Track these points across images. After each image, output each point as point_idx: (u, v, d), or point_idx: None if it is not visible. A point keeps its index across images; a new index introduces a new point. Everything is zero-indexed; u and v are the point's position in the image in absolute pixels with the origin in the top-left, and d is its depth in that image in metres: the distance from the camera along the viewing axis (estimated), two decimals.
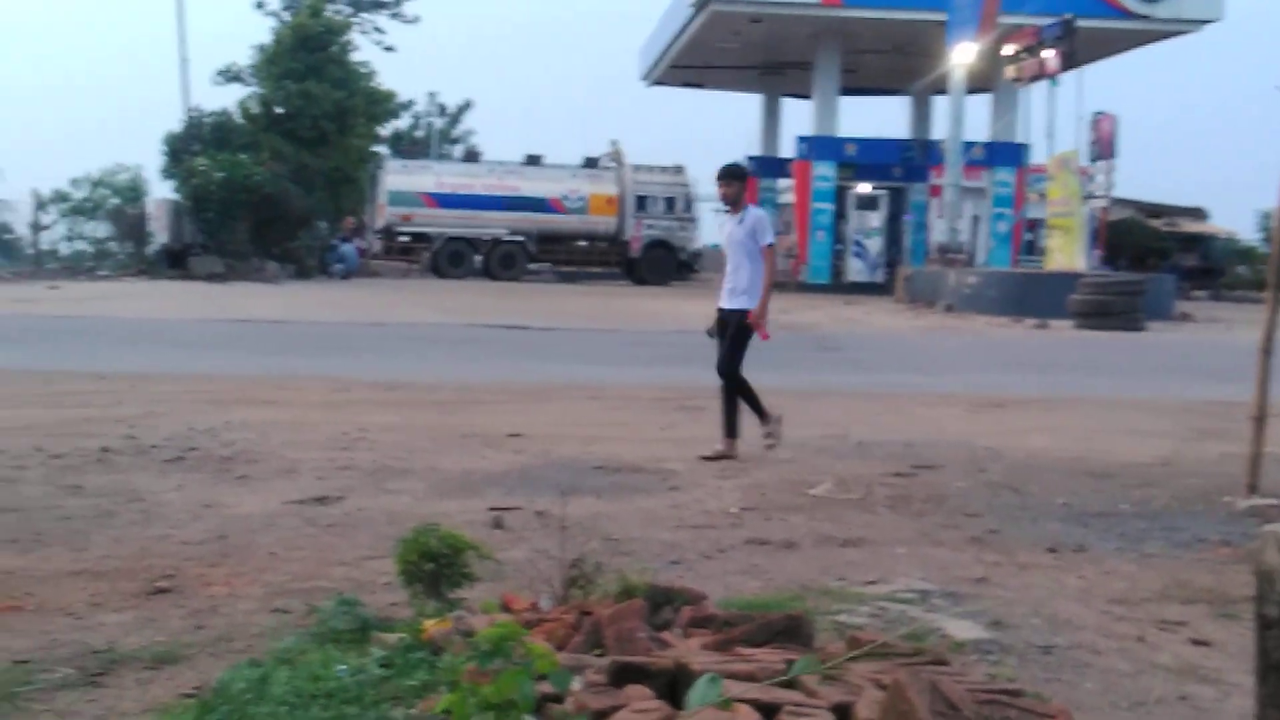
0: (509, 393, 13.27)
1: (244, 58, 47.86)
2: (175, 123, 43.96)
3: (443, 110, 67.39)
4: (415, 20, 56.97)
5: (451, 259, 44.19)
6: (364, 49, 50.12)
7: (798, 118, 48.81)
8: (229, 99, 52.74)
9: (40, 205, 42.48)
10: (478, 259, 44.50)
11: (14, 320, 21.23)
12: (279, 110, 44.12)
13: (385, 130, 53.87)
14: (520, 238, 44.21)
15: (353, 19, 51.89)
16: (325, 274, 41.37)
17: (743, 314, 9.66)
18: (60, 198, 42.85)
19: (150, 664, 4.35)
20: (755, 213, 9.88)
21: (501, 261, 44.01)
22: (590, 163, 46.69)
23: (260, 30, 55.77)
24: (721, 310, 9.82)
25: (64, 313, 23.13)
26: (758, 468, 8.99)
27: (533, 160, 45.61)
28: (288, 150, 42.77)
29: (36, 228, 42.82)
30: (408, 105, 60.67)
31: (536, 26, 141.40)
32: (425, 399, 12.50)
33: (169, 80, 55.28)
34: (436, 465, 8.76)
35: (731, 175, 9.82)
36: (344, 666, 3.84)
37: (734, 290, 9.77)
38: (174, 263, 38.12)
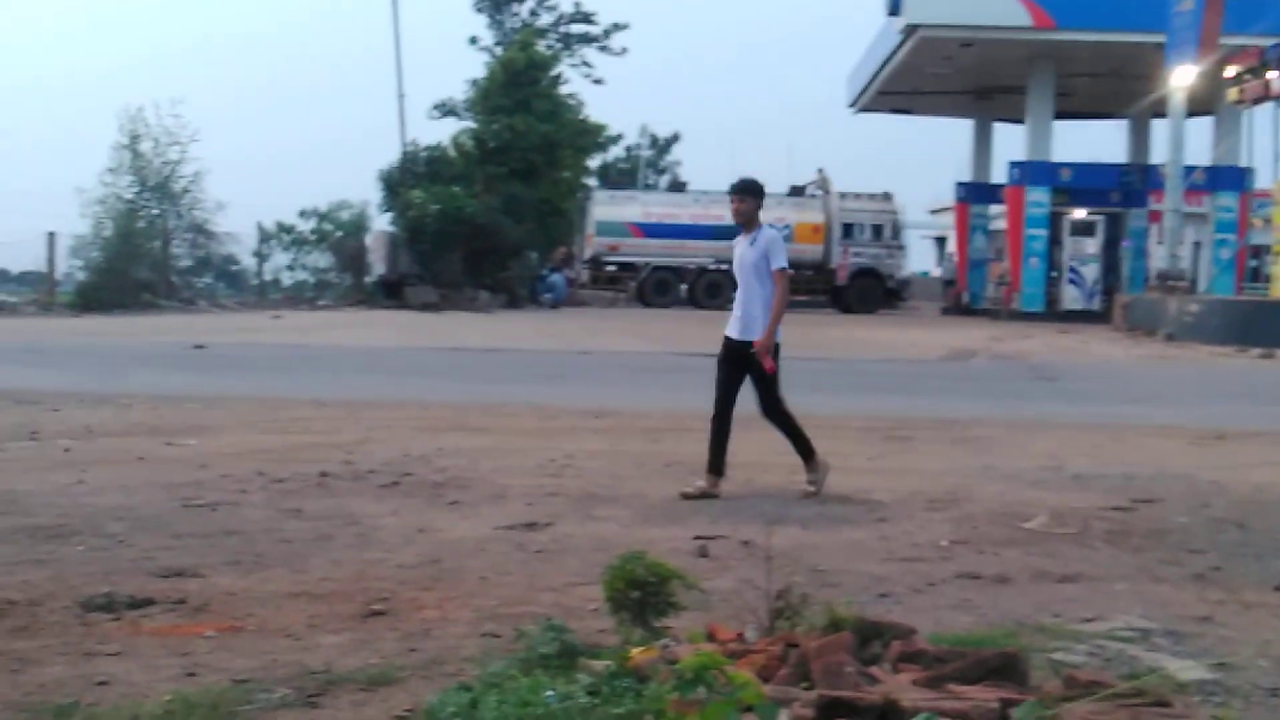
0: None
1: (459, 92, 49.12)
2: (393, 155, 45.30)
3: (654, 141, 68.06)
4: (622, 53, 57.72)
5: (657, 288, 44.51)
6: (574, 82, 50.89)
7: (1010, 142, 47.93)
8: (444, 132, 54.11)
9: (265, 238, 44.15)
10: (683, 288, 44.73)
11: (241, 349, 22.08)
12: (491, 144, 45.09)
13: (594, 161, 54.61)
14: (725, 266, 44.24)
15: (562, 53, 52.78)
16: (535, 303, 42.08)
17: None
18: (285, 230, 44.48)
19: (365, 685, 4.44)
20: (769, 233, 9.07)
21: (707, 290, 44.12)
22: (796, 191, 46.58)
23: (475, 65, 57.13)
24: (729, 340, 9.07)
25: (287, 341, 23.98)
26: (968, 500, 8.80)
27: None
28: (499, 182, 43.66)
29: (261, 258, 44.50)
30: (617, 138, 61.43)
31: (743, 56, 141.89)
32: (632, 426, 12.57)
33: (389, 114, 57.08)
34: (642, 492, 8.80)
35: (744, 191, 9.03)
36: (552, 692, 3.86)
37: (745, 319, 8.98)
38: (390, 293, 39.24)
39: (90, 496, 8.19)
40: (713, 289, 44.09)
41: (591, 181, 52.26)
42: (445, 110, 50.09)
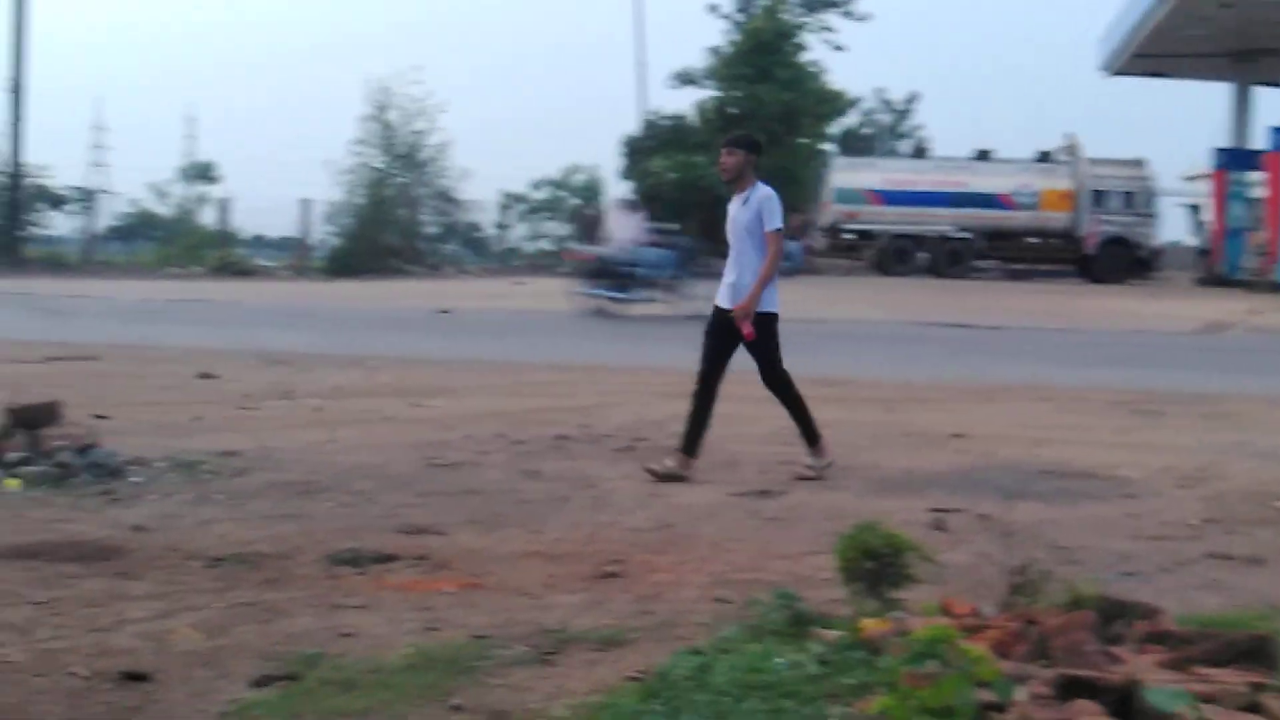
0: (953, 391, 13.02)
1: (696, 60, 49.21)
2: (631, 125, 45.68)
3: (889, 106, 67.02)
4: (866, 18, 56.89)
5: (897, 256, 43.85)
6: (814, 48, 50.41)
7: (1271, 107, 45.74)
8: (682, 102, 54.35)
9: (505, 206, 45.08)
10: (923, 256, 43.97)
11: (483, 314, 22.60)
12: (732, 112, 45.05)
13: (833, 128, 54.07)
14: (967, 234, 43.35)
15: (804, 19, 52.33)
16: None
17: (756, 316, 8.22)
18: (520, 199, 45.35)
19: (598, 645, 4.49)
20: (763, 191, 8.24)
21: (948, 259, 43.29)
22: (1043, 156, 45.28)
23: (714, 33, 57.12)
24: (718, 309, 8.36)
25: (527, 307, 24.44)
26: (1219, 478, 8.43)
27: (982, 155, 44.67)
28: None
29: (502, 227, 45.46)
30: (855, 103, 60.67)
31: (990, 18, 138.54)
32: (867, 396, 12.44)
33: (626, 84, 57.52)
34: (877, 463, 8.70)
35: (736, 144, 8.32)
36: (782, 660, 3.84)
37: (736, 285, 8.25)
38: None
39: (339, 454, 8.49)
40: (954, 257, 43.23)
41: (830, 148, 51.74)
42: (684, 79, 50.23)
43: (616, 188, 45.26)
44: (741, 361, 8.30)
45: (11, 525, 6.20)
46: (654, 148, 43.85)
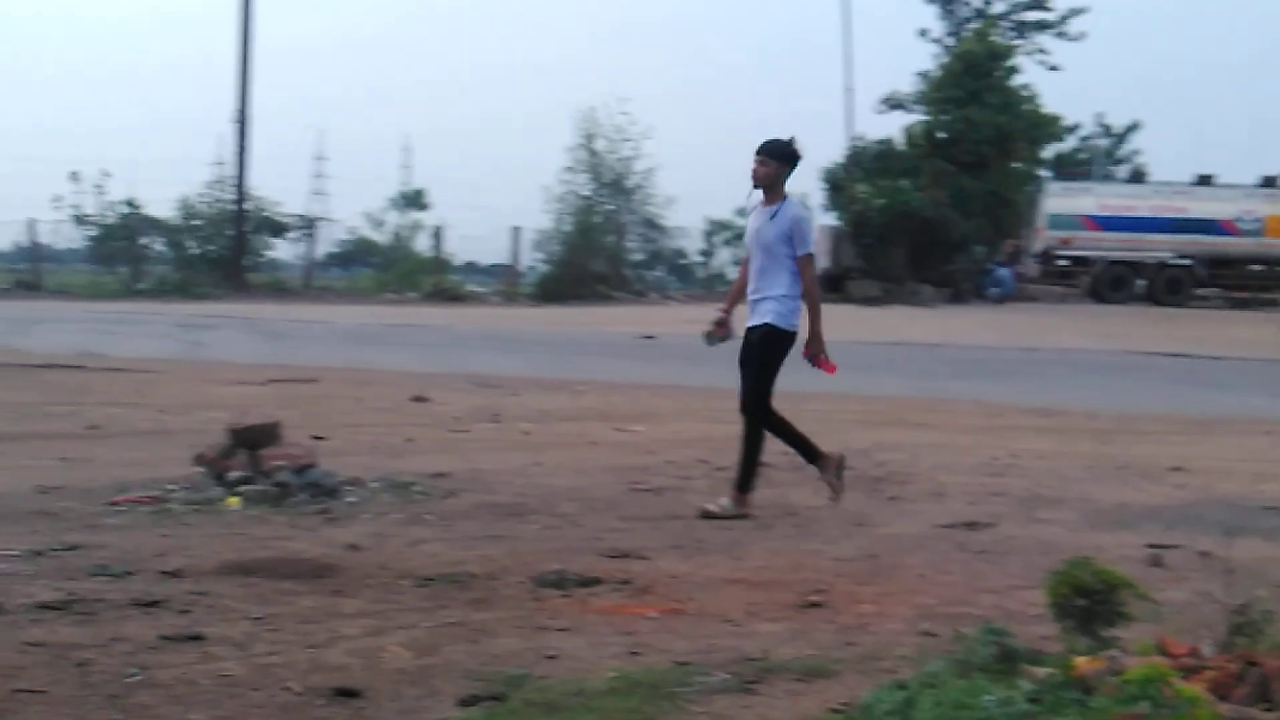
0: (1171, 423, 12.60)
1: (906, 85, 48.72)
2: (837, 149, 45.43)
3: (1108, 131, 65.32)
4: (1080, 38, 55.60)
5: (1112, 283, 42.59)
6: (1027, 70, 49.42)
7: None
8: (889, 127, 53.87)
9: (710, 232, 45.23)
10: (1140, 284, 42.65)
11: (687, 340, 22.67)
12: (941, 136, 44.46)
13: (1047, 152, 52.89)
14: (1188, 261, 41.93)
15: (1016, 41, 51.40)
16: (980, 298, 41.22)
17: (767, 331, 7.75)
18: (723, 226, 45.44)
19: (801, 675, 4.44)
20: (794, 210, 7.78)
21: (1167, 286, 41.89)
22: (1268, 182, 43.56)
23: (921, 57, 56.46)
24: (748, 330, 7.91)
25: None
26: None
27: (1203, 180, 43.17)
28: (947, 175, 43.01)
29: (707, 254, 45.61)
30: (1073, 128, 59.28)
31: (1212, 40, 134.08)
32: (1081, 426, 12.10)
33: (829, 107, 57.19)
34: (1090, 496, 8.45)
35: (768, 152, 7.75)
36: (991, 697, 3.75)
37: (757, 303, 7.83)
38: (832, 286, 39.36)
39: (545, 477, 8.60)
40: (1173, 285, 41.80)
41: (1044, 173, 50.62)
42: (893, 104, 49.77)
43: (821, 214, 45.06)
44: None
45: (232, 542, 6.43)
46: (860, 174, 43.51)
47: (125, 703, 4.01)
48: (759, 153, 7.76)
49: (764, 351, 7.79)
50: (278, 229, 39.07)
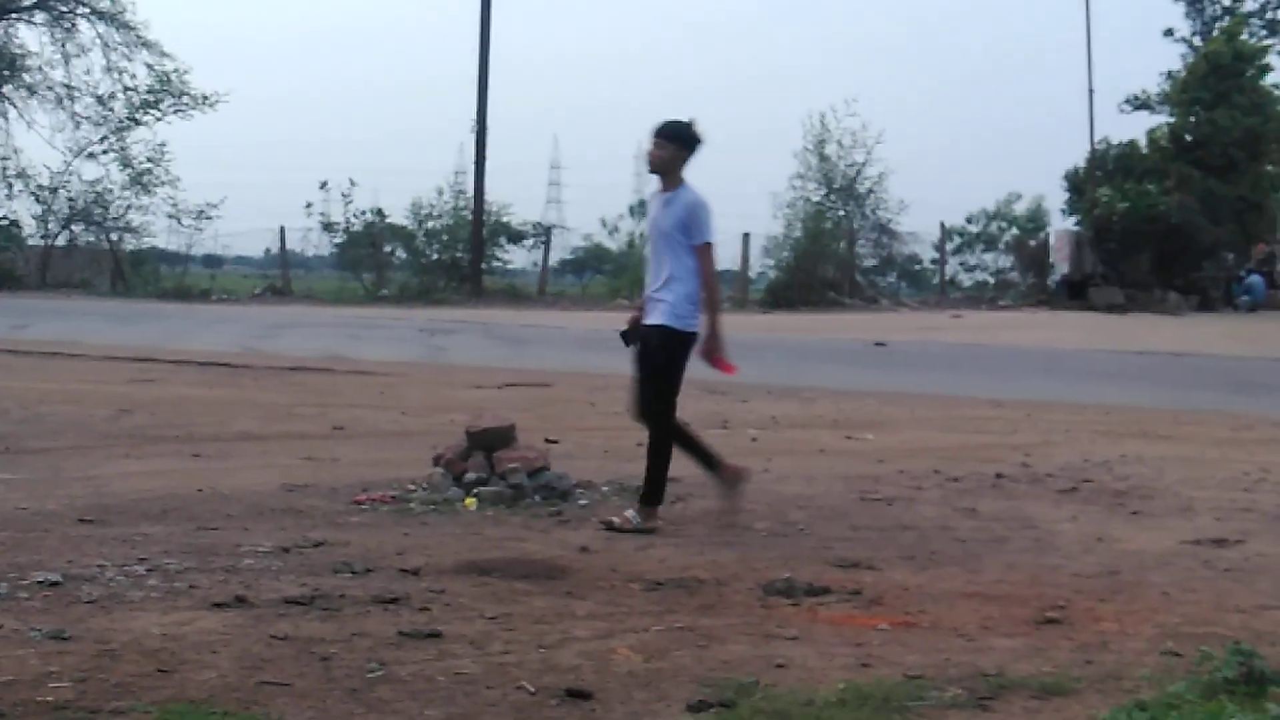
0: None
1: (1151, 85, 47.15)
2: (1078, 153, 44.20)
3: None
4: None
5: None
6: None
7: None
8: (1133, 129, 52.19)
9: (945, 237, 44.51)
10: None
11: (920, 347, 22.37)
12: (1188, 138, 42.89)
13: None
14: None
15: (1268, 40, 49.25)
16: (1230, 306, 39.59)
17: (663, 332, 7.15)
18: (959, 233, 44.64)
19: (1037, 693, 4.32)
20: (690, 197, 7.20)
21: None
22: None
23: (1169, 57, 54.56)
24: (645, 329, 7.31)
25: (966, 341, 24.02)
26: None
27: None
28: (1195, 179, 41.46)
29: (941, 259, 44.90)
30: None
31: None
32: None
33: (1066, 108, 55.74)
34: None
35: (668, 135, 7.21)
36: None
37: (654, 298, 7.24)
38: (1074, 293, 38.28)
39: (774, 484, 8.57)
40: None
41: None
42: (1137, 104, 48.16)
43: (1061, 218, 43.89)
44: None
45: (468, 542, 6.59)
46: (1102, 177, 42.26)
47: (365, 697, 4.13)
48: (654, 135, 7.26)
49: (659, 355, 7.22)
50: (515, 236, 39.88)
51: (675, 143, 7.24)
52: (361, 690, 4.19)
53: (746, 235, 40.40)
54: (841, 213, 42.92)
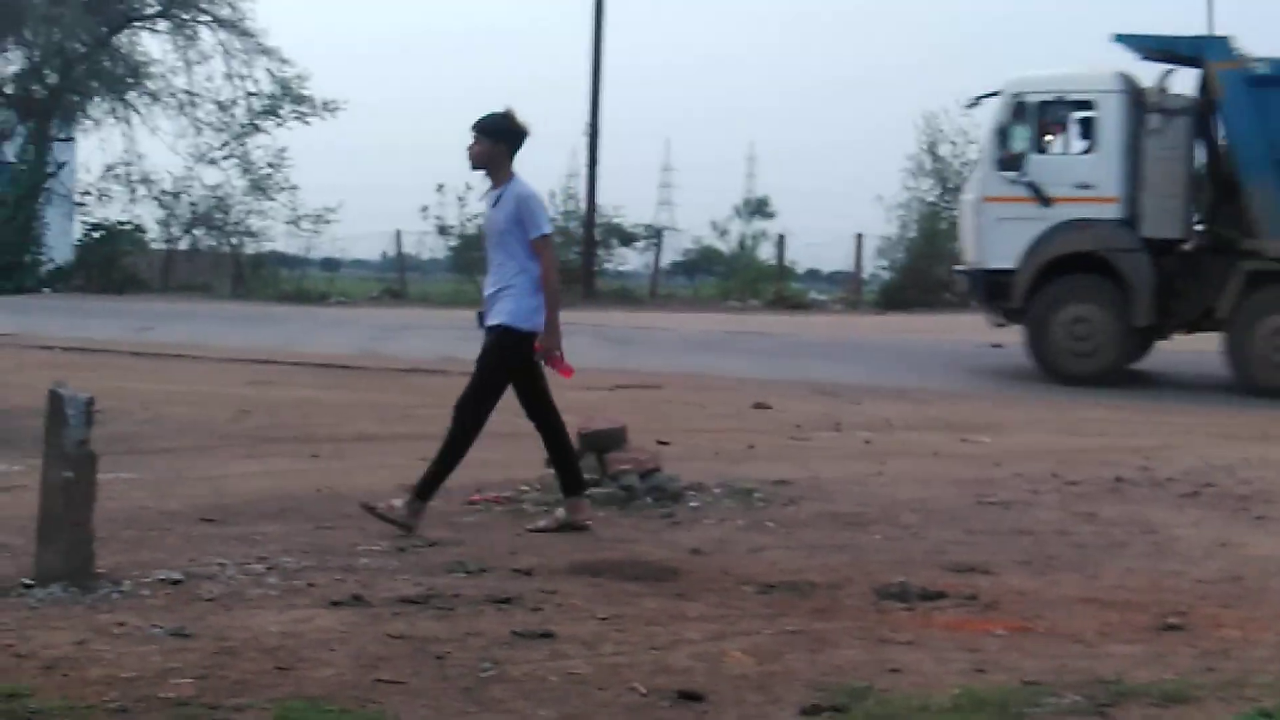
0: None
1: None
2: None
3: None
4: None
5: None
6: None
7: None
8: None
9: None
10: None
11: None
12: None
13: None
14: None
15: None
16: None
17: (503, 332, 6.98)
18: None
19: (1158, 701, 4.24)
20: (519, 189, 6.97)
21: None
22: None
23: None
24: (487, 330, 7.17)
25: None
26: None
27: None
28: None
29: None
30: None
31: None
32: None
33: None
34: None
35: (485, 129, 6.98)
36: None
37: (492, 299, 7.04)
38: None
39: (887, 487, 8.50)
40: None
41: None
42: None
43: None
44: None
45: (580, 543, 6.62)
46: None
47: (479, 695, 4.17)
48: (472, 129, 7.04)
49: (495, 355, 7.10)
50: (626, 238, 39.96)
51: (492, 136, 7.00)
52: (475, 689, 4.23)
53: (859, 236, 40.09)
54: (957, 213, 42.44)
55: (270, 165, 34.13)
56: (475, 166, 7.10)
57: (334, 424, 11.31)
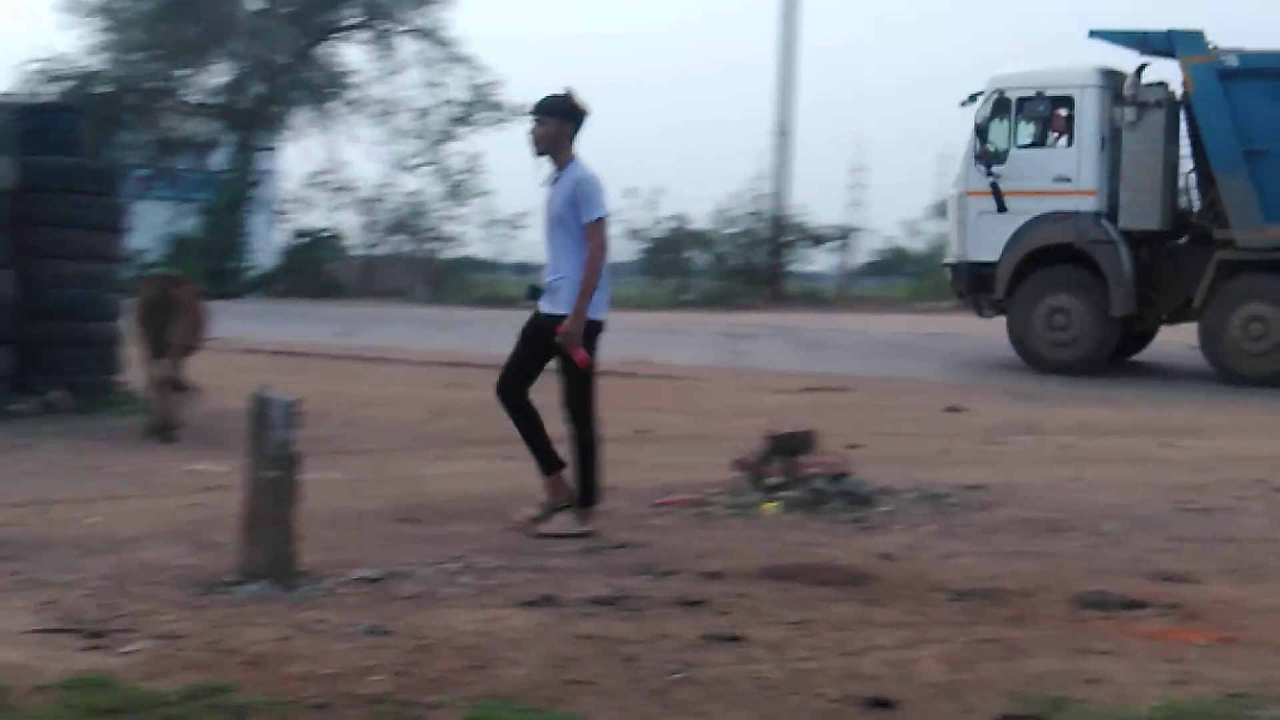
0: None
1: None
2: None
3: None
4: None
5: None
6: None
7: None
8: None
9: None
10: None
11: None
12: None
13: None
14: None
15: None
16: None
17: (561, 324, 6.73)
18: None
19: None
20: (578, 172, 6.79)
21: None
22: None
23: None
24: (536, 314, 6.97)
25: None
26: None
27: None
28: None
29: None
30: None
31: None
32: None
33: None
34: None
35: (548, 110, 6.84)
36: None
37: (553, 286, 6.84)
38: None
39: (1085, 493, 8.30)
40: None
41: None
42: None
43: None
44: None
45: (769, 547, 6.60)
46: None
47: (669, 698, 4.19)
48: (534, 113, 6.97)
49: (554, 347, 6.85)
50: (816, 239, 39.71)
51: (556, 116, 6.88)
52: (664, 691, 4.25)
53: None
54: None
55: (465, 171, 34.80)
56: (538, 151, 6.96)
57: None
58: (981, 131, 16.80)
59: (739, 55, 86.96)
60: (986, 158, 16.73)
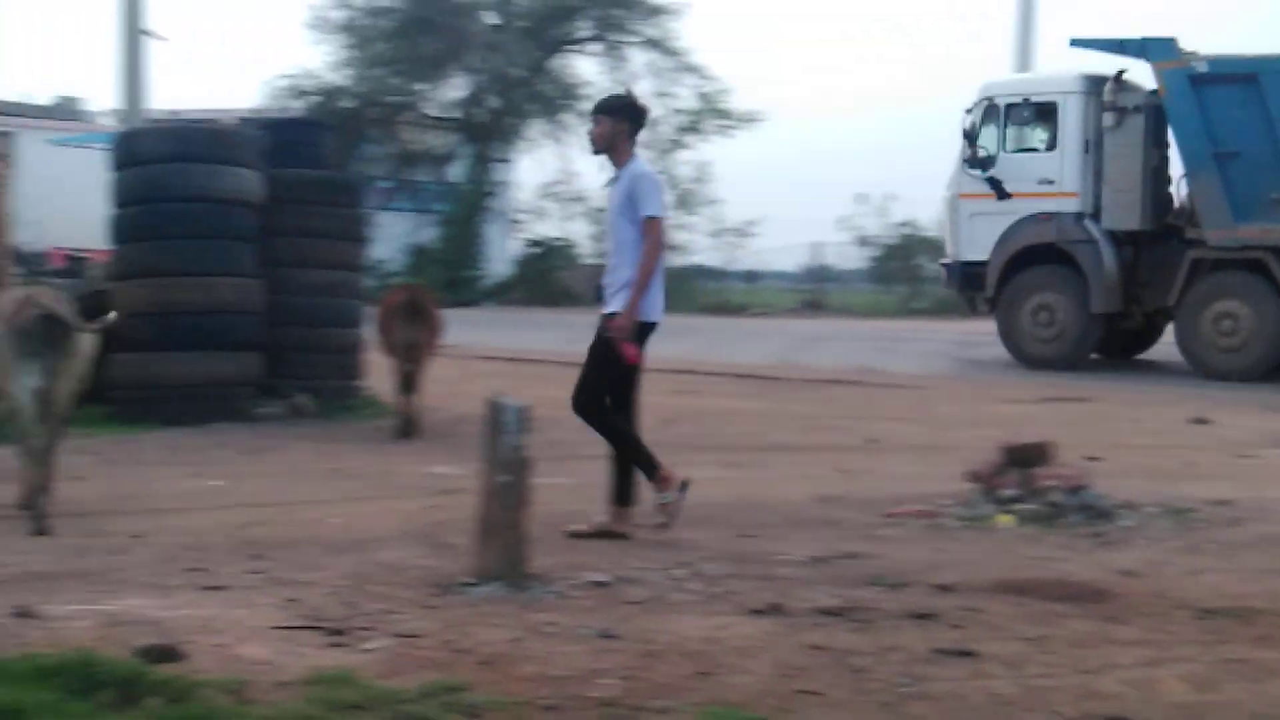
0: None
1: None
2: None
3: None
4: None
5: None
6: None
7: None
8: None
9: None
10: None
11: None
12: None
13: None
14: None
15: None
16: None
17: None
18: None
19: None
20: (636, 170, 6.82)
21: None
22: None
23: None
24: (604, 317, 6.92)
25: None
26: None
27: None
28: None
29: None
30: None
31: None
32: None
33: None
34: None
35: (607, 109, 6.94)
36: None
37: (614, 285, 6.82)
38: None
39: None
40: None
41: None
42: None
43: None
44: None
45: (1003, 560, 6.43)
46: None
47: (899, 711, 4.12)
48: (593, 113, 7.06)
49: (602, 346, 6.91)
50: None
51: (614, 115, 6.93)
52: (895, 704, 4.18)
53: None
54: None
55: (694, 180, 34.99)
56: (597, 150, 7.01)
57: (753, 433, 11.47)
58: (970, 136, 17.57)
59: (974, 52, 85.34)
60: (976, 162, 17.58)
